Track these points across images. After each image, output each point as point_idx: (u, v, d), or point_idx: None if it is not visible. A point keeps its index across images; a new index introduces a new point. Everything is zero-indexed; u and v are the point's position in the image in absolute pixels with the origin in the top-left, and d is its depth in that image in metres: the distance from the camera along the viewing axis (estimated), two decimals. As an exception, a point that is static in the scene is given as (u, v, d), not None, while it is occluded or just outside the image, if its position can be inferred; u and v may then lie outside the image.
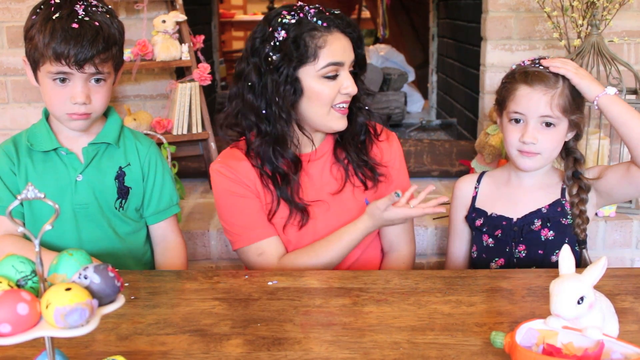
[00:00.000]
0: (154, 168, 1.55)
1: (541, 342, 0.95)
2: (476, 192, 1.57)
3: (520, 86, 1.43)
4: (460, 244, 1.62)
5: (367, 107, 1.49)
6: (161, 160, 1.58)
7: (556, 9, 2.16)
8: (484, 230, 1.53)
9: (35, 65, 1.39)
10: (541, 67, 1.43)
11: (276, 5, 7.07)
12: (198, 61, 2.42)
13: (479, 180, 1.59)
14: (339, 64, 1.39)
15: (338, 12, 1.42)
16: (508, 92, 1.45)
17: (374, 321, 1.11)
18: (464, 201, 1.59)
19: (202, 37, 2.47)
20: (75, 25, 1.32)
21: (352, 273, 1.33)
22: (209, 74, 2.39)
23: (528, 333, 0.96)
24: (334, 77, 1.40)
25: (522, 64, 1.47)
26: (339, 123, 1.44)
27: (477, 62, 2.64)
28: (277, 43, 1.37)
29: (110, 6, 1.44)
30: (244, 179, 1.46)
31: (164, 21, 2.34)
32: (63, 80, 1.38)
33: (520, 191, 1.53)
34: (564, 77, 1.42)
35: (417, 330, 1.08)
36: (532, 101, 1.41)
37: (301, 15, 1.38)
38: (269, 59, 1.38)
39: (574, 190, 1.48)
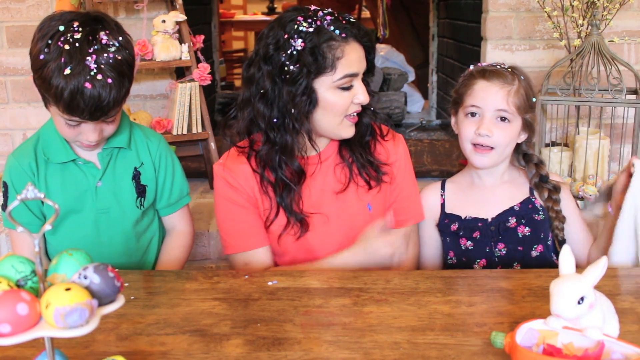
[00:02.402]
0: (164, 163, 1.57)
1: (541, 342, 0.95)
2: (443, 199, 1.58)
3: (478, 81, 1.48)
4: (430, 252, 1.61)
5: (372, 108, 1.47)
6: (170, 154, 1.60)
7: (556, 9, 2.16)
8: (461, 234, 1.53)
9: (45, 99, 1.37)
10: (498, 67, 1.49)
11: (276, 5, 7.07)
12: (198, 61, 2.42)
13: (442, 188, 1.60)
14: (354, 75, 1.37)
15: (353, 19, 1.39)
16: (466, 87, 1.50)
17: (374, 321, 1.11)
18: (431, 209, 1.59)
19: (202, 37, 2.47)
20: (88, 85, 1.27)
21: (352, 273, 1.33)
22: (208, 74, 2.39)
23: (528, 333, 0.96)
24: (348, 88, 1.38)
25: (480, 65, 1.53)
26: (349, 131, 1.43)
27: (477, 62, 2.64)
28: (294, 52, 1.32)
29: (121, 38, 1.36)
30: (244, 184, 1.44)
31: (164, 21, 2.34)
32: (75, 124, 1.37)
33: (487, 191, 1.55)
34: (519, 77, 1.47)
35: (417, 330, 1.07)
36: (490, 94, 1.45)
37: (318, 23, 1.34)
38: (285, 68, 1.33)
39: (545, 194, 1.51)
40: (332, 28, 1.34)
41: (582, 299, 0.91)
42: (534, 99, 1.50)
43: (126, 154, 1.52)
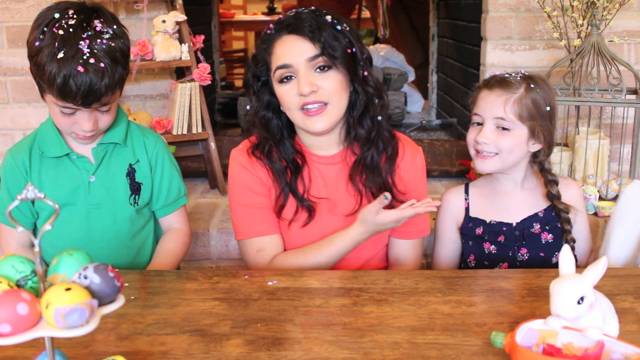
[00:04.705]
0: (161, 162, 1.56)
1: (541, 342, 0.95)
2: (468, 203, 1.59)
3: (483, 90, 1.51)
4: (446, 253, 1.62)
5: (384, 119, 1.46)
6: (168, 154, 1.59)
7: (556, 9, 2.16)
8: (485, 238, 1.54)
9: (40, 88, 1.37)
10: (507, 75, 1.49)
11: (276, 5, 7.07)
12: (198, 61, 2.42)
13: (466, 192, 1.60)
14: (286, 67, 1.38)
15: (300, 11, 1.41)
16: (474, 97, 1.53)
17: (374, 321, 1.11)
18: (454, 212, 1.59)
19: (202, 37, 2.47)
20: (80, 69, 1.28)
21: (352, 273, 1.33)
22: (208, 74, 2.39)
23: (528, 333, 0.96)
24: (287, 80, 1.39)
25: (494, 74, 1.54)
26: (311, 124, 1.41)
27: (477, 62, 2.64)
28: (255, 56, 1.46)
29: (115, 26, 1.37)
30: (259, 170, 1.47)
31: (164, 21, 2.34)
32: (70, 113, 1.37)
33: (509, 197, 1.55)
34: (528, 85, 1.45)
35: (417, 330, 1.07)
36: (488, 103, 1.47)
37: (271, 25, 1.43)
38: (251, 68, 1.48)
39: (557, 210, 1.51)
40: (271, 29, 1.42)
41: (582, 299, 0.91)
42: (547, 108, 1.46)
43: (121, 150, 1.51)
